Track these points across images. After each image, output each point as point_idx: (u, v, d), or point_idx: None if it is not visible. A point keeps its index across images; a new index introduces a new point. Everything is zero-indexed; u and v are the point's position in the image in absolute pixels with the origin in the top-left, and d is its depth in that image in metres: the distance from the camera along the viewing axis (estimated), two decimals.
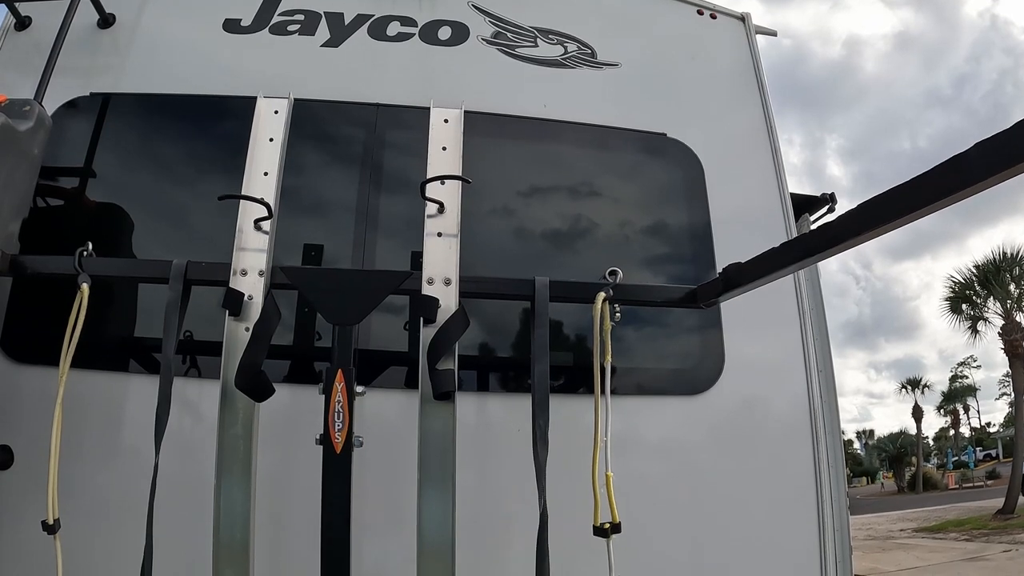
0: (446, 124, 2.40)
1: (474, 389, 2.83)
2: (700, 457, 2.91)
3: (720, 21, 3.73)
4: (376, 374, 2.70)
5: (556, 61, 3.36)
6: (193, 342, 2.58)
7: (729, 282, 2.20)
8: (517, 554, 2.07)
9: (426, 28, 3.32)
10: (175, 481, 2.14)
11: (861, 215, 1.76)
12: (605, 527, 2.00)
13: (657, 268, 3.19)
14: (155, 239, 2.96)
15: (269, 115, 2.38)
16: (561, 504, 2.01)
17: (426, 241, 2.23)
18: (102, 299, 2.44)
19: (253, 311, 2.11)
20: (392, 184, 2.98)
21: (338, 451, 1.93)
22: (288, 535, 2.34)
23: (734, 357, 2.94)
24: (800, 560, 2.84)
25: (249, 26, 3.23)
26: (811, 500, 2.87)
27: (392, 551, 2.36)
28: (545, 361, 2.09)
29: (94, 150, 2.94)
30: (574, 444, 2.13)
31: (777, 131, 3.47)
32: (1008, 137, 1.36)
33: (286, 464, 2.37)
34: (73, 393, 2.08)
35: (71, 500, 2.13)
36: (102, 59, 3.15)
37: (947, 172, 1.49)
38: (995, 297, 27.34)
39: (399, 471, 2.13)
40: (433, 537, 1.98)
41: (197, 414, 2.57)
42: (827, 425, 3.13)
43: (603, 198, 3.27)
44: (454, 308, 2.14)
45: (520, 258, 3.09)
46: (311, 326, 2.76)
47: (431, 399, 2.06)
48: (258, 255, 2.18)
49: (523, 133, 3.25)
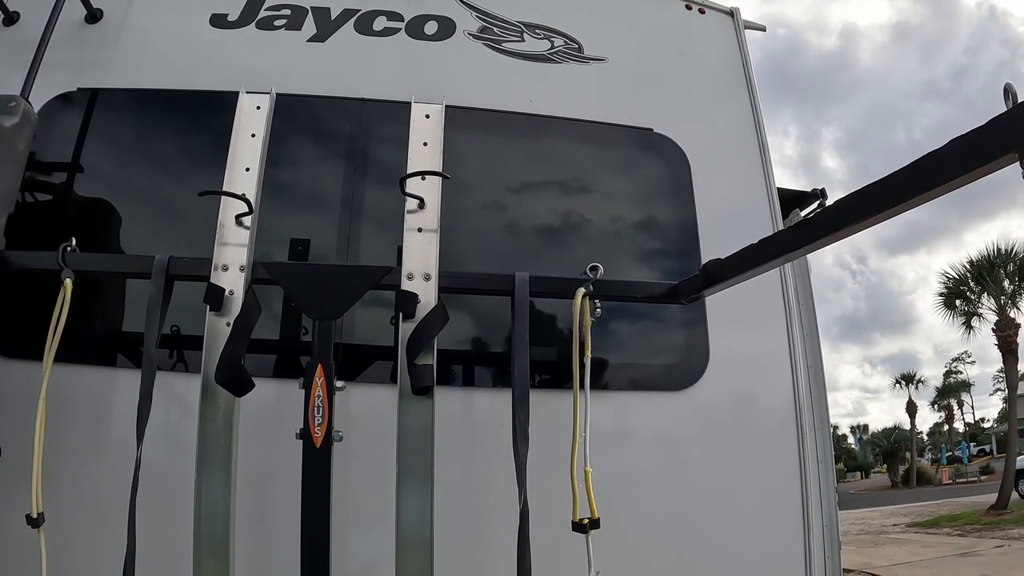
0: (427, 120, 2.40)
1: (459, 384, 2.84)
2: (684, 452, 2.93)
3: (709, 16, 3.73)
4: (360, 369, 2.71)
5: (543, 56, 3.36)
6: (177, 336, 2.59)
7: (709, 278, 2.21)
8: (502, 549, 2.07)
9: (412, 23, 3.31)
10: (159, 474, 2.16)
11: (838, 212, 1.78)
12: (584, 523, 2.02)
13: (642, 263, 3.20)
14: (141, 234, 2.96)
15: (251, 110, 2.38)
16: (545, 499, 2.02)
17: (406, 236, 2.24)
18: (87, 294, 2.45)
19: (234, 306, 2.12)
20: (378, 179, 2.98)
21: (318, 446, 1.95)
22: (269, 528, 2.35)
23: (719, 352, 2.95)
24: (785, 555, 2.86)
25: (236, 21, 3.22)
26: (796, 495, 2.89)
27: (373, 545, 2.37)
28: (525, 356, 2.10)
29: (81, 145, 2.94)
30: (558, 439, 2.14)
31: (765, 127, 3.47)
32: (982, 133, 1.37)
33: (268, 458, 2.37)
34: (58, 388, 2.09)
35: (56, 494, 2.14)
36: (89, 54, 3.14)
37: (923, 169, 1.50)
38: (989, 293, 27.38)
39: (382, 466, 2.13)
40: (412, 531, 2.00)
41: (181, 408, 2.58)
42: (816, 420, 3.15)
43: (588, 193, 3.28)
44: (433, 303, 2.15)
45: (505, 253, 3.09)
46: (295, 321, 2.77)
47: (410, 394, 2.07)
48: (239, 250, 2.19)
49: (509, 128, 3.25)
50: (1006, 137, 1.31)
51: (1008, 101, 1.32)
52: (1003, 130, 1.32)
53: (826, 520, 2.94)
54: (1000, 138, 1.32)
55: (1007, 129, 1.31)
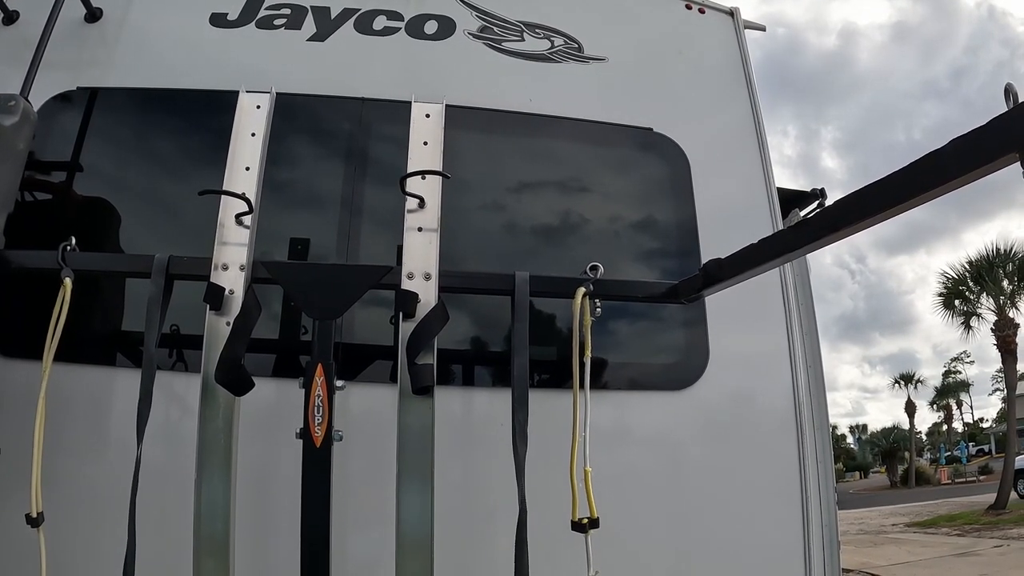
0: (427, 119, 2.40)
1: (459, 383, 2.84)
2: (684, 452, 2.93)
3: (708, 15, 3.73)
4: (360, 368, 2.71)
5: (542, 55, 3.36)
6: (177, 336, 2.59)
7: (709, 278, 2.21)
8: (501, 548, 2.07)
9: (412, 22, 3.32)
10: (159, 474, 2.16)
11: (837, 212, 1.78)
12: (583, 522, 2.01)
13: (642, 263, 3.20)
14: (141, 233, 2.96)
15: (251, 110, 2.38)
16: (545, 498, 2.02)
17: (406, 236, 2.24)
18: (88, 293, 2.45)
19: (234, 305, 2.12)
20: (378, 178, 2.98)
21: (318, 445, 1.95)
22: (269, 528, 2.35)
23: (719, 352, 2.95)
24: (784, 554, 2.86)
25: (236, 20, 3.23)
26: (796, 495, 2.89)
27: (373, 544, 2.36)
28: (525, 356, 2.10)
29: (80, 145, 2.93)
30: (557, 439, 2.14)
31: (765, 126, 3.48)
32: (982, 133, 1.37)
33: (268, 457, 2.38)
34: (58, 387, 2.09)
35: (55, 493, 2.13)
36: (89, 53, 3.14)
37: (923, 169, 1.50)
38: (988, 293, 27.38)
39: (383, 464, 2.13)
40: (412, 531, 2.00)
41: (181, 407, 2.57)
42: (815, 420, 3.15)
43: (588, 193, 3.28)
44: (434, 303, 2.15)
45: (505, 252, 3.09)
46: (296, 320, 2.77)
47: (410, 393, 2.07)
48: (239, 250, 2.19)
49: (509, 128, 3.25)
50: (1007, 137, 1.31)
51: (1009, 101, 1.32)
52: (1004, 130, 1.32)
53: (825, 520, 2.94)
54: (1001, 138, 1.32)
55: (1008, 129, 1.31)
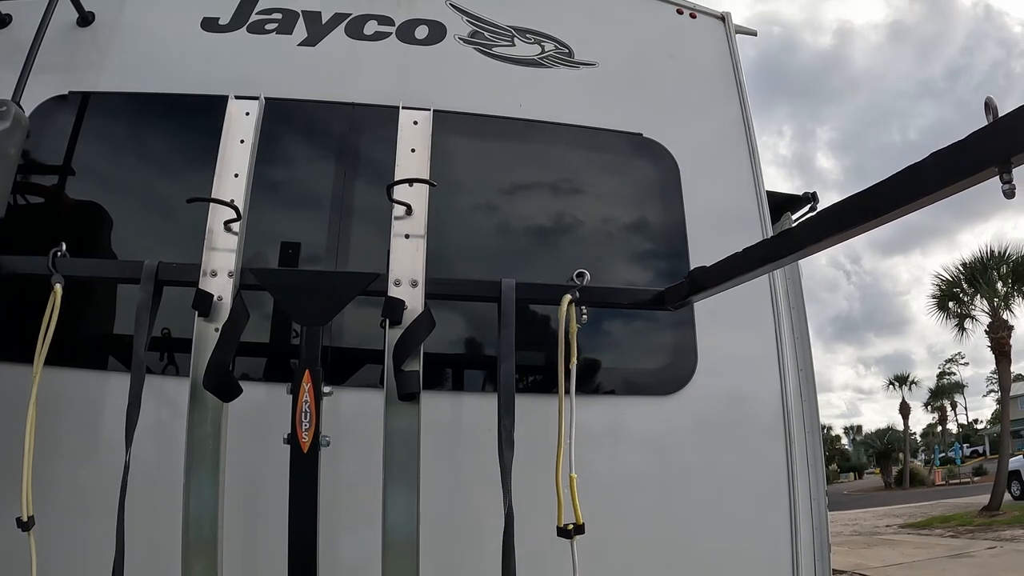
0: (415, 126, 2.41)
1: (446, 388, 2.85)
2: (672, 456, 2.94)
3: (700, 20, 3.75)
4: (350, 373, 2.72)
5: (533, 60, 3.37)
6: (167, 340, 2.60)
7: (695, 285, 2.23)
8: (487, 552, 2.08)
9: (403, 27, 3.33)
10: (148, 478, 2.17)
11: (821, 222, 1.80)
12: (568, 528, 2.02)
13: (631, 266, 3.22)
14: (132, 238, 2.97)
15: (240, 116, 2.39)
16: (532, 504, 2.04)
17: (393, 243, 2.24)
18: (78, 297, 2.45)
19: (223, 311, 2.13)
20: (368, 183, 2.98)
21: (305, 450, 1.96)
22: (257, 531, 2.36)
23: (707, 356, 2.97)
24: (772, 557, 2.88)
25: (227, 25, 3.23)
26: (784, 498, 2.90)
27: (360, 547, 2.37)
28: (511, 362, 2.11)
29: (72, 149, 2.94)
30: (545, 444, 2.14)
31: (755, 131, 3.50)
32: (962, 148, 1.38)
33: (257, 461, 2.38)
34: (49, 391, 2.09)
35: (46, 497, 2.14)
36: (81, 57, 3.15)
37: (904, 183, 1.52)
38: (982, 295, 27.39)
39: (369, 468, 2.14)
40: (398, 534, 2.01)
41: (170, 411, 2.58)
42: (806, 423, 3.16)
43: (578, 197, 3.29)
44: (420, 310, 2.16)
45: (495, 257, 3.10)
46: (284, 325, 2.78)
47: (396, 399, 2.08)
48: (227, 256, 2.20)
49: (499, 132, 3.26)
50: (986, 152, 1.32)
51: (989, 116, 1.32)
52: (983, 145, 1.33)
53: (815, 523, 2.96)
54: (980, 153, 1.33)
55: (987, 144, 1.32)
